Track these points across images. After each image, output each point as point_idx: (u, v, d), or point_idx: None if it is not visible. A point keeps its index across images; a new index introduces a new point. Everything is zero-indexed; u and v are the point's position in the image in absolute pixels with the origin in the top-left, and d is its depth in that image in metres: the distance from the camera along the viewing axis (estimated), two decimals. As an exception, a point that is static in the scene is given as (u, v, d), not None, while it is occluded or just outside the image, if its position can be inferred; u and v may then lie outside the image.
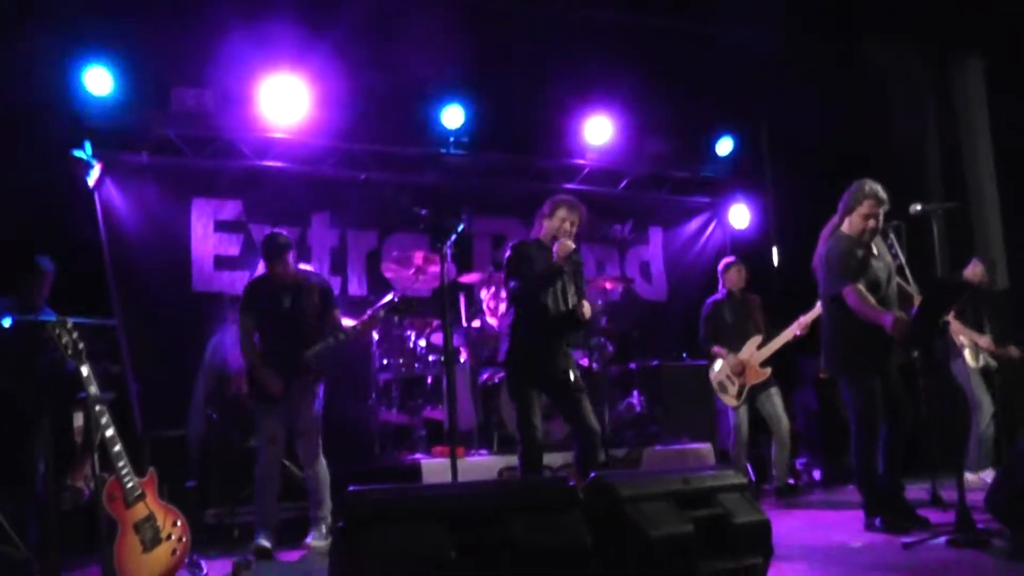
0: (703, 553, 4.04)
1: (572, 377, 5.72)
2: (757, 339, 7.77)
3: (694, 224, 10.93)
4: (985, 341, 7.82)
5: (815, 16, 9.31)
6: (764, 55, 9.81)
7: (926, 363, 6.27)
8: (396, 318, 8.03)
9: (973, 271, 8.04)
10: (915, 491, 6.23)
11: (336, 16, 8.21)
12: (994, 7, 9.07)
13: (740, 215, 10.76)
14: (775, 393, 7.82)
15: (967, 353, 7.87)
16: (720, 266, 8.22)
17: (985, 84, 10.52)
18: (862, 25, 9.66)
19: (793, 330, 7.55)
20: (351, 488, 3.58)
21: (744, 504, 4.38)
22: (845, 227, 5.74)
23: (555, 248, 5.66)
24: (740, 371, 7.71)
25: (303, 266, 6.11)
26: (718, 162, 10.76)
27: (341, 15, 8.21)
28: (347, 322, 6.28)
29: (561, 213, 5.87)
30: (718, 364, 7.88)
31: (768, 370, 7.70)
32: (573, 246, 5.68)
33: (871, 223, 5.63)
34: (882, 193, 5.65)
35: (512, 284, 5.76)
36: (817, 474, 8.93)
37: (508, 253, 5.87)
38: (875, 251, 5.74)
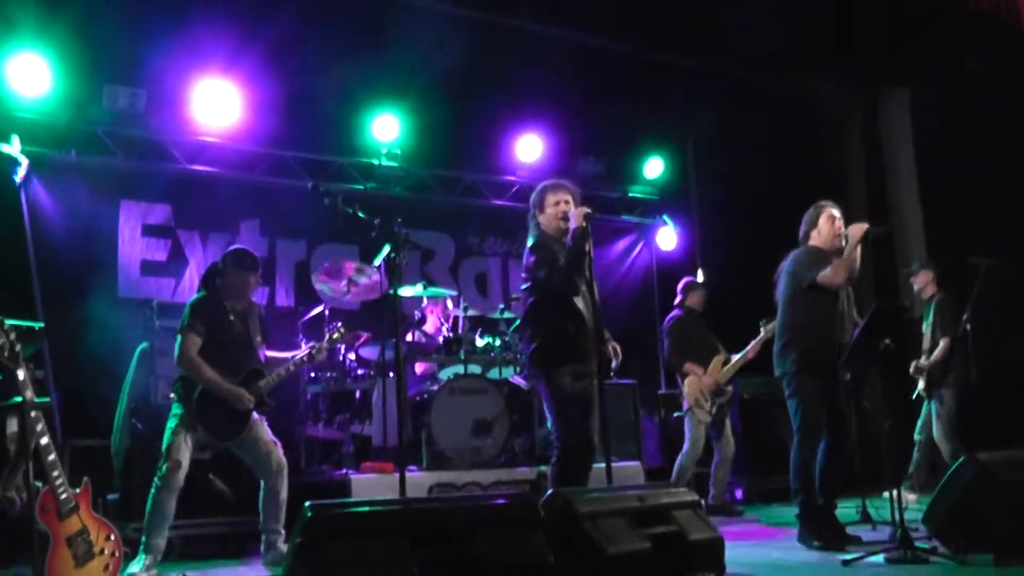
0: (659, 569, 4.06)
1: (596, 396, 5.32)
2: (721, 358, 8.00)
3: (621, 244, 11.05)
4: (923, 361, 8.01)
5: (745, 46, 9.49)
6: (694, 80, 10.00)
7: (858, 385, 6.42)
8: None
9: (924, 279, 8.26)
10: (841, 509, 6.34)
11: (271, 22, 8.08)
12: (918, 40, 9.41)
13: (667, 237, 10.90)
14: (727, 416, 8.09)
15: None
16: (681, 285, 8.42)
17: (910, 113, 10.88)
18: (790, 56, 9.90)
19: (749, 352, 7.78)
20: (310, 502, 3.49)
21: (698, 521, 4.43)
22: (813, 241, 5.89)
23: (571, 216, 5.23)
24: (718, 391, 7.94)
25: None
26: (647, 184, 10.91)
27: (276, 21, 8.09)
28: (273, 354, 5.98)
29: (551, 199, 5.45)
30: (692, 380, 8.01)
31: (731, 388, 8.00)
32: (587, 209, 5.24)
33: (838, 224, 5.82)
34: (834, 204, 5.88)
35: (542, 273, 5.28)
36: (739, 493, 9.05)
37: (533, 255, 5.38)
38: None
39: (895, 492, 5.22)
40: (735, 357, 7.99)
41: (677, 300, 8.39)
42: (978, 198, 9.82)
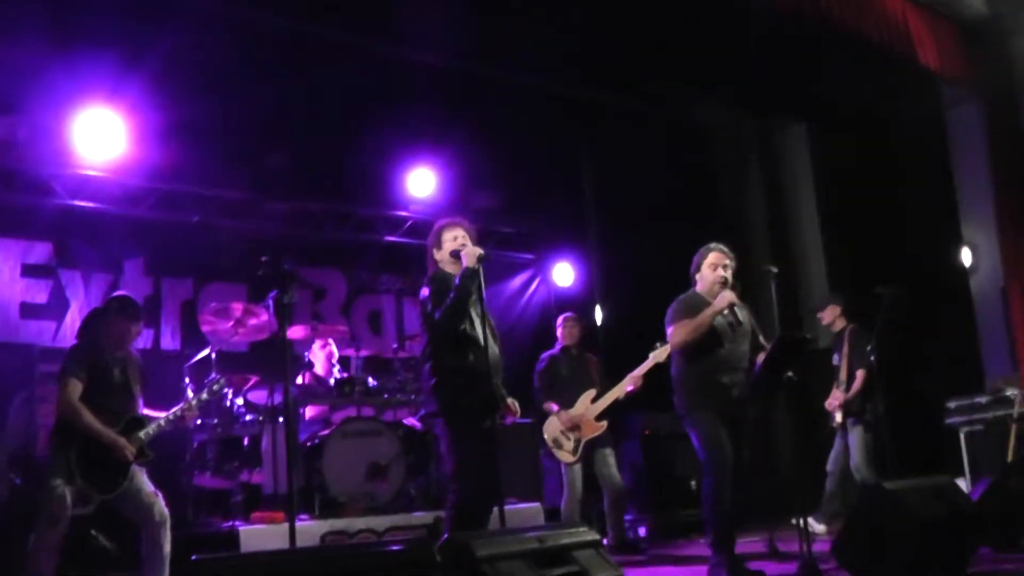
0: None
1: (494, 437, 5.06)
2: (591, 393, 7.61)
3: (518, 280, 10.96)
4: (839, 395, 8.05)
5: (640, 78, 9.55)
6: (590, 112, 10.01)
7: (762, 417, 6.41)
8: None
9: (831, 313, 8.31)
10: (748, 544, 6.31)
11: (154, 49, 7.73)
12: (816, 74, 9.57)
13: (564, 272, 10.87)
14: (609, 453, 7.67)
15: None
16: (558, 321, 8.11)
17: (808, 147, 11.09)
18: (687, 89, 9.99)
19: (626, 384, 7.47)
20: (195, 557, 3.29)
21: (599, 560, 4.29)
22: (697, 286, 5.85)
23: (463, 256, 5.02)
24: (574, 427, 7.56)
25: None
26: (542, 219, 10.84)
27: (160, 48, 7.75)
28: (147, 412, 5.70)
29: (447, 235, 5.26)
30: (549, 420, 7.67)
31: (604, 424, 7.54)
32: (481, 251, 5.03)
33: (719, 272, 5.73)
34: (725, 248, 5.80)
35: (429, 308, 5.07)
36: (643, 530, 8.93)
37: (428, 287, 5.15)
38: (725, 313, 5.78)
39: (802, 522, 5.17)
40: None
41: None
42: (878, 231, 10.00)
